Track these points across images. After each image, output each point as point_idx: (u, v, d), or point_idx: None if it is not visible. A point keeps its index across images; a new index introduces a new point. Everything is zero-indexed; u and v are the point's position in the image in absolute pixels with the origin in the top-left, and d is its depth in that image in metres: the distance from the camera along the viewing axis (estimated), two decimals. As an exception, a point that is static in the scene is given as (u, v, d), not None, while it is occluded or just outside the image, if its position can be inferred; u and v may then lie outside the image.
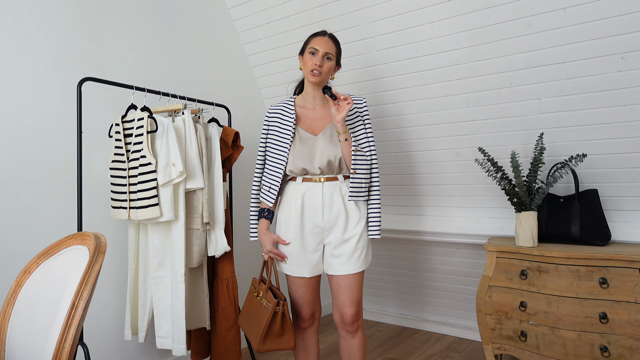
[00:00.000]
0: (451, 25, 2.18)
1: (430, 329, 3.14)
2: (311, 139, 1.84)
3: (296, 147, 1.83)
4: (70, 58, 2.09)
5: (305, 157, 1.81)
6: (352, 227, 1.81)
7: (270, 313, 1.74)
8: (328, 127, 1.85)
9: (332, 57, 1.82)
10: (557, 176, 2.12)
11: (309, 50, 1.82)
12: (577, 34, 1.93)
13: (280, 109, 1.92)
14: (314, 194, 1.81)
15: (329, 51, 1.81)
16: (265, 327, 1.74)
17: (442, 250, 2.94)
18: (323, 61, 1.80)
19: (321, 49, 1.80)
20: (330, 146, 1.81)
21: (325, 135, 1.83)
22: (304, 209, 1.82)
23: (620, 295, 1.87)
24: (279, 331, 1.77)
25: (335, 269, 1.81)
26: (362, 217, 1.84)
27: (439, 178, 2.70)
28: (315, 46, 1.81)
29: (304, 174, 1.84)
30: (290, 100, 1.94)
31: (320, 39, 1.82)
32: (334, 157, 1.80)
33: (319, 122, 1.87)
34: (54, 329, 1.01)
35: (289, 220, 1.83)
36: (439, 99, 2.43)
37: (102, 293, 2.15)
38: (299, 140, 1.84)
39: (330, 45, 1.82)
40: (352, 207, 1.82)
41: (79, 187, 1.90)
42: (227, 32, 2.88)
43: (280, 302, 1.77)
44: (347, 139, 1.79)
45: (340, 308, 1.83)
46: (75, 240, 1.16)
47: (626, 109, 2.00)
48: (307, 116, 1.89)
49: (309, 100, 1.91)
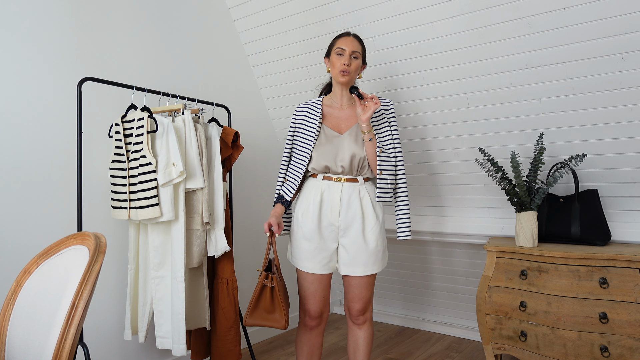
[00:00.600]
0: (451, 25, 2.18)
1: (431, 329, 3.14)
2: (337, 137, 1.86)
3: (321, 145, 1.85)
4: (70, 58, 2.09)
5: (329, 155, 1.83)
6: (369, 231, 1.82)
7: (259, 284, 1.75)
8: (354, 127, 1.87)
9: (358, 55, 1.86)
10: (557, 176, 2.12)
11: (335, 52, 1.85)
12: (577, 34, 1.93)
13: (307, 107, 1.94)
14: (333, 193, 1.83)
15: (356, 49, 1.84)
16: (253, 298, 1.74)
17: (442, 250, 2.94)
18: (351, 60, 1.83)
19: (348, 48, 1.83)
20: (355, 145, 1.83)
21: (351, 134, 1.85)
22: (322, 206, 1.83)
23: (620, 295, 1.87)
24: (269, 306, 1.76)
25: (348, 270, 1.84)
26: (378, 222, 1.85)
27: (439, 178, 2.70)
28: (342, 46, 1.83)
29: (325, 172, 1.86)
30: (319, 99, 1.96)
31: (346, 39, 1.85)
32: (357, 156, 1.82)
33: (345, 122, 1.90)
34: (54, 329, 1.01)
35: (306, 216, 1.85)
36: (439, 99, 2.43)
37: (102, 293, 2.15)
38: (325, 138, 1.86)
39: (356, 44, 1.85)
40: (369, 210, 1.84)
41: (79, 187, 1.90)
42: (227, 32, 2.88)
43: (270, 275, 1.76)
44: (372, 139, 1.81)
45: (348, 302, 1.91)
46: (75, 240, 1.16)
47: (626, 109, 2.00)
48: (334, 115, 1.91)
49: (336, 100, 1.94)
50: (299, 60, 2.78)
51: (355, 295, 1.87)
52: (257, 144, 3.02)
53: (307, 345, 1.94)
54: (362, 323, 1.91)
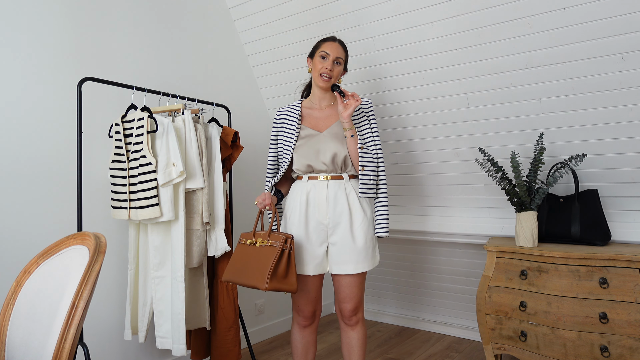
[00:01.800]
0: (451, 25, 2.18)
1: (430, 329, 3.14)
2: (316, 136, 1.88)
3: (301, 146, 1.87)
4: (70, 58, 2.09)
5: (309, 153, 1.85)
6: (357, 227, 1.83)
7: (279, 250, 1.70)
8: (333, 125, 1.89)
9: (341, 61, 1.90)
10: (557, 176, 2.12)
11: (319, 54, 1.88)
12: (577, 34, 1.93)
13: (287, 110, 1.97)
14: (318, 192, 1.84)
15: (339, 56, 1.88)
16: (273, 264, 1.69)
17: (442, 250, 2.94)
18: (333, 65, 1.86)
19: (332, 53, 1.86)
20: (335, 142, 1.84)
21: (331, 132, 1.88)
22: (309, 206, 1.84)
23: (620, 295, 1.87)
24: (284, 272, 1.74)
25: (338, 269, 1.83)
26: (366, 218, 1.85)
27: (439, 178, 2.70)
28: (326, 50, 1.86)
29: (309, 172, 1.87)
30: (298, 102, 1.99)
31: (331, 44, 1.88)
32: (338, 153, 1.83)
33: (324, 121, 1.92)
34: (54, 329, 1.01)
35: (293, 217, 1.86)
36: (439, 99, 2.43)
37: (102, 293, 2.15)
38: (304, 138, 1.88)
39: (340, 50, 1.89)
40: (356, 207, 1.84)
41: (79, 187, 1.90)
42: (227, 32, 2.88)
43: (288, 240, 1.73)
44: (354, 135, 1.84)
45: (339, 303, 1.90)
46: (75, 240, 1.16)
47: (626, 109, 2.00)
48: (313, 116, 1.94)
49: (315, 102, 1.97)
50: (299, 60, 2.78)
51: (347, 295, 1.86)
52: (257, 144, 3.02)
53: (301, 343, 1.95)
54: (355, 324, 1.89)
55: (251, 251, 1.80)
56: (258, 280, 1.70)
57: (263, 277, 1.68)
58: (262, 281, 1.68)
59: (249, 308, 2.94)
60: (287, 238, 1.72)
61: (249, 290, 2.94)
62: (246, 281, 1.74)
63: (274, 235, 1.76)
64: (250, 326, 2.94)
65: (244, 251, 1.82)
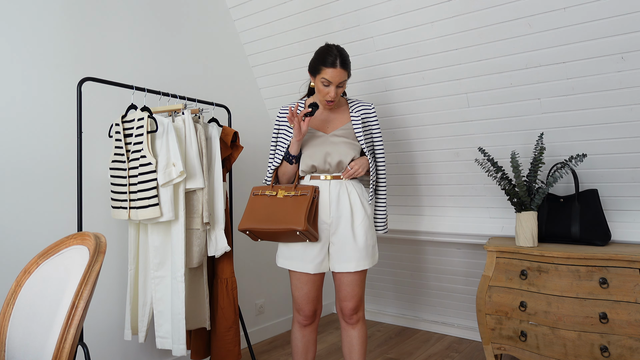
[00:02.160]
0: (451, 25, 2.18)
1: (430, 329, 3.14)
2: (322, 137, 1.89)
3: (308, 147, 1.89)
4: (70, 58, 2.09)
5: (315, 154, 1.86)
6: (357, 225, 1.85)
7: (310, 197, 1.77)
8: (339, 129, 1.90)
9: (344, 84, 1.85)
10: (557, 176, 2.12)
11: (321, 81, 1.82)
12: (577, 34, 1.93)
13: None
14: (321, 191, 1.86)
15: (342, 80, 1.82)
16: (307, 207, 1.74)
17: (442, 250, 2.94)
18: (337, 91, 1.83)
19: (334, 81, 1.80)
20: (342, 147, 1.86)
21: (337, 135, 1.89)
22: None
23: (620, 295, 1.87)
24: (312, 218, 1.80)
25: (340, 267, 1.85)
26: (367, 217, 1.88)
27: (439, 178, 2.70)
28: (327, 78, 1.79)
29: (312, 172, 1.89)
30: (301, 101, 1.99)
31: (332, 72, 1.79)
32: (344, 160, 1.86)
33: (330, 123, 1.93)
34: (54, 329, 1.01)
35: None
36: (439, 99, 2.43)
37: (102, 293, 2.15)
38: (309, 138, 1.90)
39: (343, 74, 1.81)
40: (357, 206, 1.87)
41: (79, 187, 1.90)
42: (227, 32, 2.88)
43: (316, 190, 1.82)
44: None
45: (340, 301, 1.91)
46: (75, 240, 1.16)
47: (626, 109, 2.00)
48: (317, 117, 1.94)
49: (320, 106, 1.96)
50: (299, 60, 2.78)
51: (348, 293, 1.87)
52: (257, 144, 3.02)
53: (301, 342, 1.96)
54: (356, 322, 1.91)
55: (274, 201, 1.82)
56: (293, 222, 1.72)
57: (300, 219, 1.71)
58: (299, 222, 1.71)
59: (249, 308, 2.94)
60: (315, 188, 1.81)
61: (249, 291, 2.94)
62: (274, 225, 1.75)
63: (300, 186, 1.83)
64: (250, 326, 2.94)
65: (264, 201, 1.84)
